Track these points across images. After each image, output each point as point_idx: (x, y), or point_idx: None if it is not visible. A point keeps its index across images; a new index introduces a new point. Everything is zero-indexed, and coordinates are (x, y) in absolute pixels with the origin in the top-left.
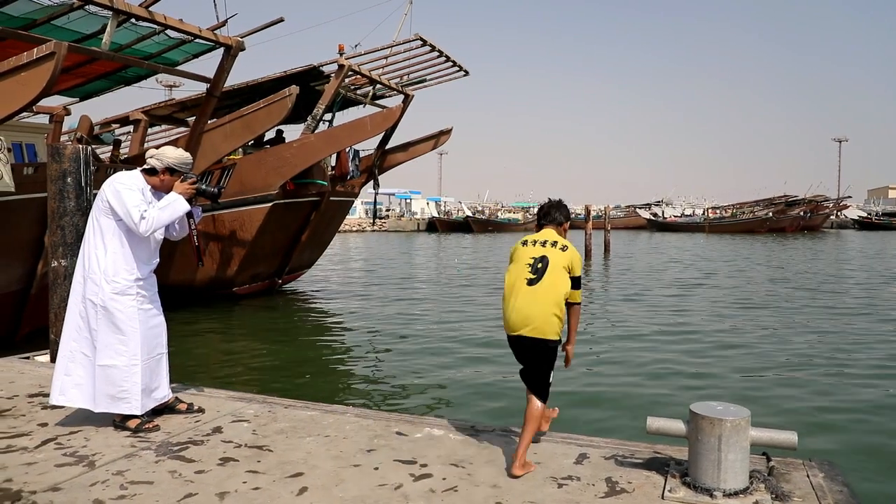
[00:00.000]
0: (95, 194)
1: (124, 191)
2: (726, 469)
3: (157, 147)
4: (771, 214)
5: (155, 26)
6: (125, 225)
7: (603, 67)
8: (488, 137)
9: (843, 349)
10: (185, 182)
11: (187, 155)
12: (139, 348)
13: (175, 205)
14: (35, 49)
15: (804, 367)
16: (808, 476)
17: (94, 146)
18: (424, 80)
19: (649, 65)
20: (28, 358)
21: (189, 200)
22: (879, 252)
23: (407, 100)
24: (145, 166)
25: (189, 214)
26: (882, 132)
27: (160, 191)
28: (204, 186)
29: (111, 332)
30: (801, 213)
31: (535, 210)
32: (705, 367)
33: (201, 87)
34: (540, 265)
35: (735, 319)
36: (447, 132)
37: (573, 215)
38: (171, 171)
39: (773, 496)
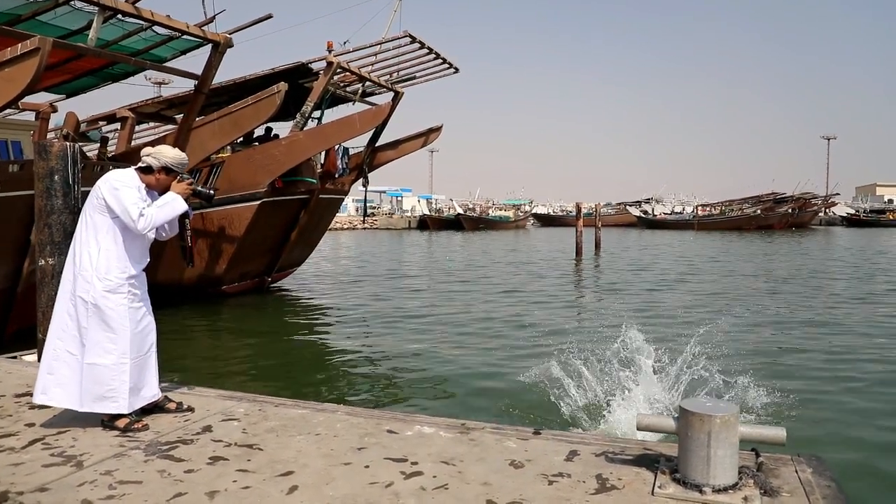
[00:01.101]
0: (83, 192)
1: (122, 188)
2: (715, 465)
3: (146, 145)
4: (759, 212)
5: (142, 22)
6: (120, 222)
7: (596, 65)
8: (480, 135)
9: (831, 344)
10: (182, 182)
11: (184, 155)
12: (129, 347)
13: (174, 204)
14: (19, 45)
15: (792, 362)
16: (796, 471)
17: (81, 143)
18: (414, 78)
19: (642, 63)
20: (15, 357)
21: (185, 200)
22: (863, 248)
23: (396, 97)
24: (140, 164)
25: (185, 215)
26: (870, 130)
27: (154, 189)
28: (199, 187)
29: (101, 330)
30: (790, 211)
31: (527, 207)
32: (693, 363)
33: (190, 85)
34: None
35: (724, 314)
36: (437, 129)
37: (564, 213)
38: (167, 170)
39: (762, 491)
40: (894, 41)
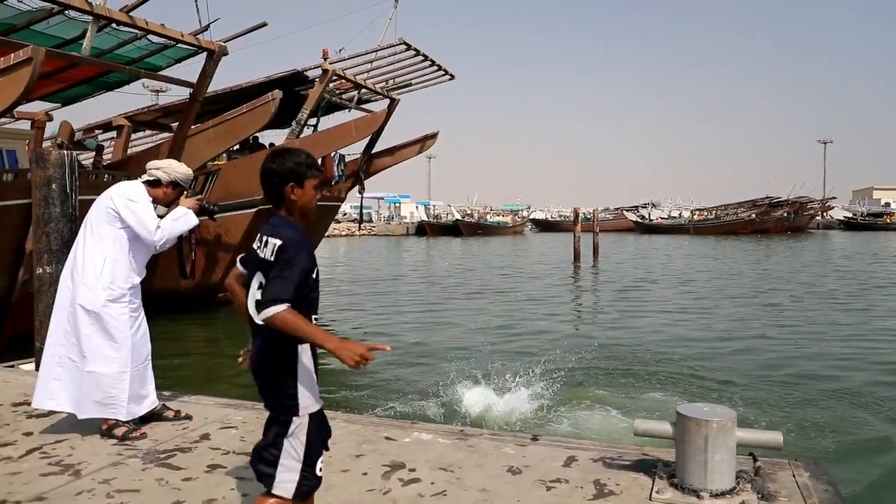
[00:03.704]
0: (81, 200)
1: (140, 201)
2: (713, 470)
3: (142, 153)
4: (754, 216)
5: (136, 31)
6: (130, 232)
7: (593, 70)
8: (477, 140)
9: (825, 348)
10: (192, 198)
11: (191, 171)
12: (129, 356)
13: (186, 218)
14: (12, 54)
15: (788, 366)
16: (793, 476)
17: (76, 152)
18: (410, 85)
19: (639, 68)
20: (13, 367)
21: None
22: (859, 252)
23: (392, 104)
24: (148, 178)
25: (191, 229)
26: (867, 134)
27: (160, 203)
28: (206, 203)
29: (103, 339)
30: (785, 215)
31: (524, 213)
32: (691, 368)
33: (187, 93)
34: None
35: (718, 319)
36: (433, 136)
37: (562, 218)
38: (174, 185)
39: (760, 496)
40: (892, 44)
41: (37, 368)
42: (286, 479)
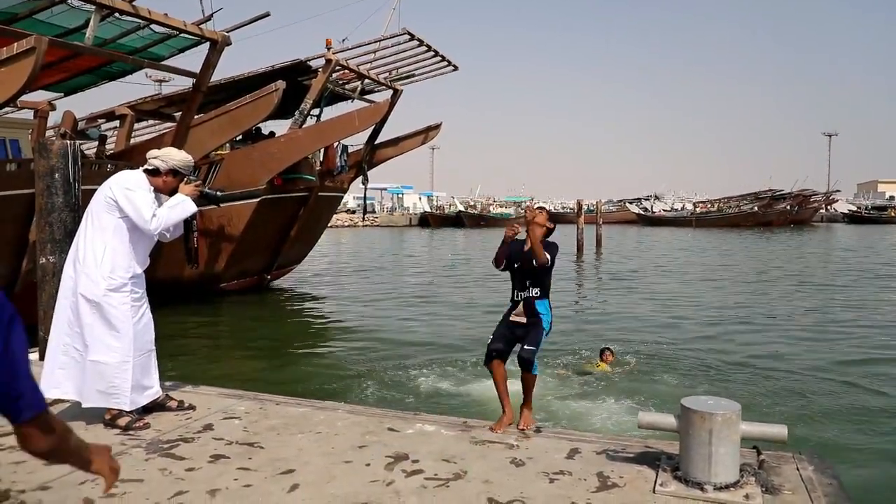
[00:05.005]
0: (84, 190)
1: (137, 189)
2: (717, 463)
3: (145, 142)
4: (756, 209)
5: (139, 21)
6: (129, 222)
7: (597, 64)
8: (481, 132)
9: (830, 341)
10: (191, 184)
11: (190, 158)
12: (131, 345)
13: (184, 205)
14: (15, 44)
15: (793, 359)
16: (798, 469)
17: (80, 142)
18: (413, 75)
19: (643, 61)
20: None
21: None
22: (864, 246)
23: (395, 95)
24: (148, 167)
25: (191, 216)
26: (871, 126)
27: (161, 192)
28: (207, 189)
29: (105, 329)
30: (788, 207)
31: (527, 205)
32: (695, 361)
33: (191, 83)
34: None
35: (721, 311)
36: (436, 127)
37: (566, 210)
38: (174, 172)
39: (764, 489)
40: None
41: (41, 358)
42: None
